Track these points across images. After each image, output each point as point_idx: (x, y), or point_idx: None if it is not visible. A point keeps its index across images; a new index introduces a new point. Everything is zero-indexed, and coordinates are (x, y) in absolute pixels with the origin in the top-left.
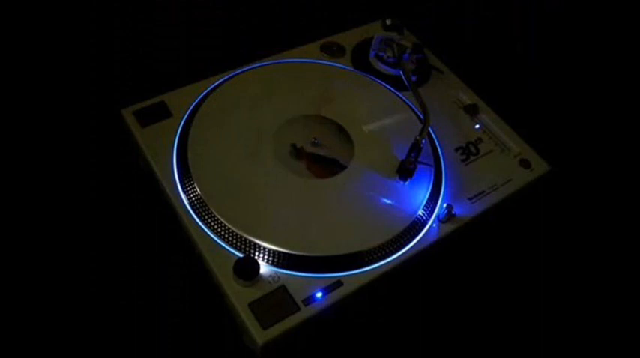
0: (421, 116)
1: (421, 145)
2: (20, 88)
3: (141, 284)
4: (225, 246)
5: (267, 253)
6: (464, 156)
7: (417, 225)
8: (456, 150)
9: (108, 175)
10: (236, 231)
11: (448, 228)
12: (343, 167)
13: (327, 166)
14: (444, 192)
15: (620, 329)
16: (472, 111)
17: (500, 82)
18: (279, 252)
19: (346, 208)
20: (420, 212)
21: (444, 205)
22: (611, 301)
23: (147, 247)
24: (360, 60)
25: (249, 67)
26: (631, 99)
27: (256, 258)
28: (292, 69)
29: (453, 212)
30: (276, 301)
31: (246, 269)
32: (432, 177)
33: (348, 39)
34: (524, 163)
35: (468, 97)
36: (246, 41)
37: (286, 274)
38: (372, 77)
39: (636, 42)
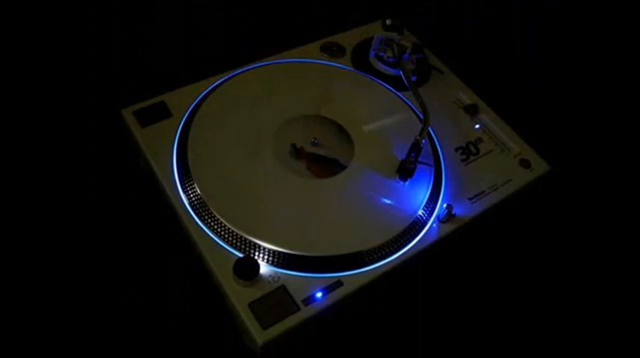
0: (421, 116)
1: (421, 145)
2: (20, 88)
3: (141, 284)
4: (225, 246)
5: (267, 253)
6: (464, 156)
7: (417, 225)
8: (456, 150)
9: (108, 175)
10: (236, 231)
11: (448, 228)
12: (343, 167)
13: (327, 166)
14: (444, 192)
15: (620, 329)
16: (472, 111)
17: (500, 82)
18: (279, 252)
19: (346, 208)
20: (420, 212)
21: (444, 205)
22: (611, 301)
23: (147, 247)
24: (360, 60)
25: (249, 67)
26: (631, 99)
27: (256, 258)
28: (292, 69)
29: (453, 212)
30: (276, 301)
31: (246, 269)
32: (432, 177)
33: (348, 39)
34: (524, 163)
35: (468, 97)
36: (246, 41)
37: (286, 274)
38: (372, 77)
39: (636, 42)
